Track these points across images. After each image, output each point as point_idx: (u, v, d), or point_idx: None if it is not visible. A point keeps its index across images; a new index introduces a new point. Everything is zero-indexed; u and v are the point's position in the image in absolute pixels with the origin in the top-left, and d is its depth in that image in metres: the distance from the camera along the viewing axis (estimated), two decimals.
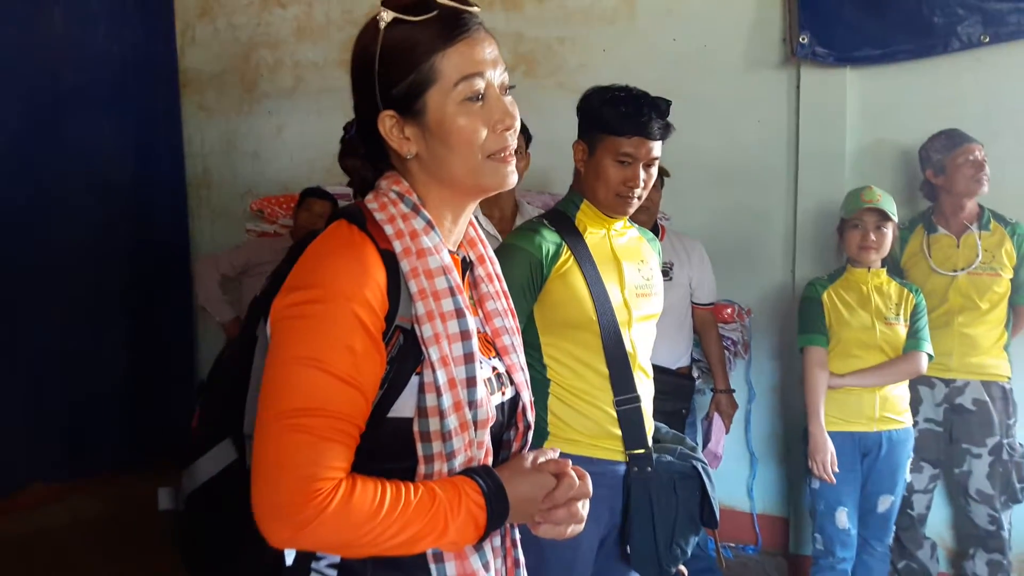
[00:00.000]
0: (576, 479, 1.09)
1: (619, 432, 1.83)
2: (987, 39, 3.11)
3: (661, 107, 1.86)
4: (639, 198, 1.88)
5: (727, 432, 3.17)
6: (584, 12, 3.74)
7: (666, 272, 3.04)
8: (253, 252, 3.73)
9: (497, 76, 1.05)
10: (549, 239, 1.85)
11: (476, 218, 3.07)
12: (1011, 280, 2.96)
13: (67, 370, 3.86)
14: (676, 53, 3.59)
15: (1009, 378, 2.96)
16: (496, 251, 1.90)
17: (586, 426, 1.84)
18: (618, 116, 1.84)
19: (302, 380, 0.94)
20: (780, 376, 3.55)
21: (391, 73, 1.02)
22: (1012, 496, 2.92)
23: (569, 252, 1.84)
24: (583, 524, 1.12)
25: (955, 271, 2.96)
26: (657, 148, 1.87)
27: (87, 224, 3.95)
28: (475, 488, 1.01)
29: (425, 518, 0.97)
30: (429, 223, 1.06)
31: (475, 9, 1.05)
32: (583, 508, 1.11)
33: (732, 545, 3.62)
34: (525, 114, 3.24)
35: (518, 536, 1.20)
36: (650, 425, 1.91)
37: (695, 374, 3.20)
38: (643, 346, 1.90)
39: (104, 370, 4.05)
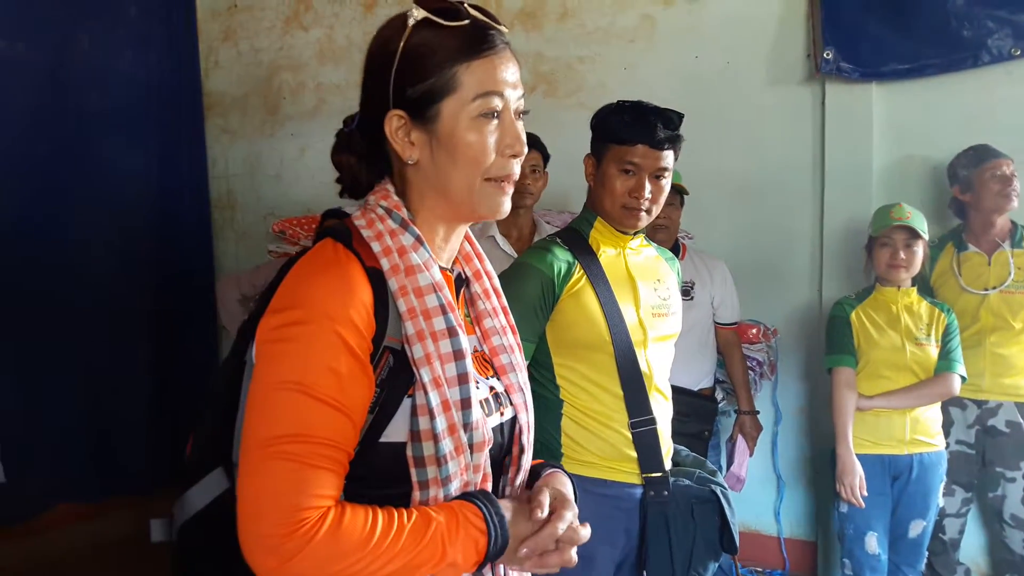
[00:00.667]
0: (558, 528, 1.04)
1: (635, 455, 1.79)
2: (1018, 52, 3.05)
3: (669, 117, 1.83)
4: (648, 212, 1.84)
5: (751, 455, 3.10)
6: (604, 31, 3.73)
7: (687, 292, 3.00)
8: (272, 272, 3.68)
9: (515, 99, 1.03)
10: (561, 258, 1.82)
11: (494, 237, 3.07)
12: None
13: (93, 391, 3.88)
14: (698, 71, 3.57)
15: None
16: (507, 270, 1.90)
17: (601, 448, 1.80)
18: (622, 124, 1.82)
19: (285, 405, 0.91)
20: (808, 397, 3.48)
21: (410, 73, 1.00)
22: None
23: (582, 271, 1.81)
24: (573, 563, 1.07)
25: (986, 290, 2.89)
26: (666, 160, 1.83)
27: (112, 247, 3.99)
28: (475, 512, 0.98)
29: (421, 543, 0.93)
30: (418, 239, 1.03)
31: (504, 29, 1.04)
32: (574, 553, 1.06)
33: (759, 569, 3.54)
34: (544, 133, 3.23)
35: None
36: (668, 448, 1.87)
37: (719, 395, 3.14)
38: (660, 367, 1.86)
39: (130, 391, 4.06)
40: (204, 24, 4.48)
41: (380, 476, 0.98)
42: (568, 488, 1.16)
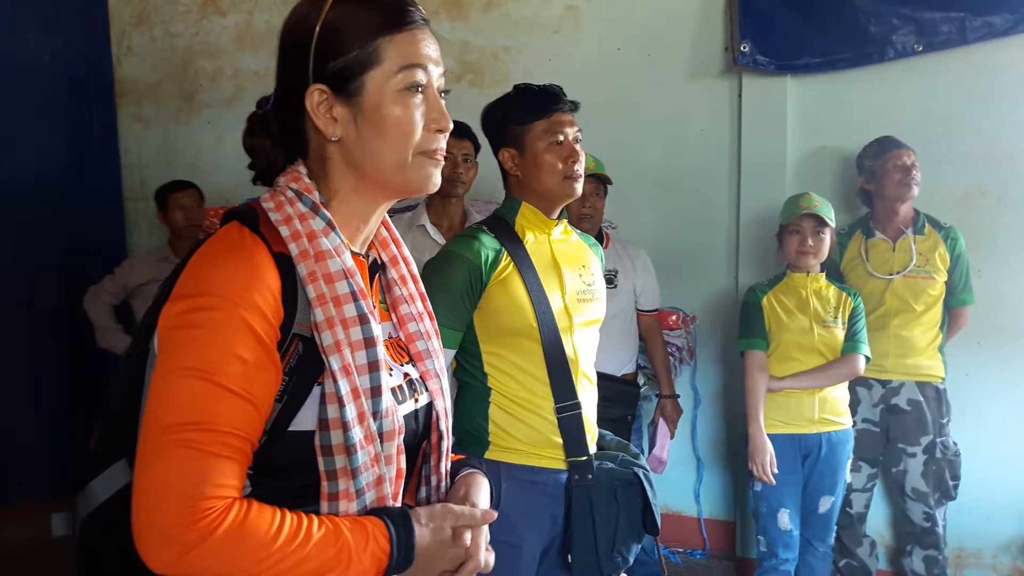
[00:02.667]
0: (479, 563, 1.04)
1: (560, 440, 1.82)
2: (921, 48, 3.19)
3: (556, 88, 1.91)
4: (582, 177, 1.88)
5: (672, 437, 3.19)
6: (529, 21, 3.76)
7: (611, 280, 3.06)
8: (128, 273, 3.56)
9: (437, 76, 1.03)
10: (488, 245, 1.83)
11: (425, 226, 3.06)
12: (945, 283, 3.04)
13: None
14: (621, 62, 3.63)
15: (943, 378, 3.03)
16: (434, 258, 1.90)
17: (528, 435, 1.83)
18: (532, 102, 1.87)
19: (186, 392, 0.87)
20: (725, 381, 3.59)
21: (331, 46, 0.98)
22: (945, 493, 3.00)
23: (509, 258, 1.83)
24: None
25: (891, 275, 3.03)
26: (576, 126, 1.89)
27: (18, 240, 3.82)
28: (384, 534, 0.95)
29: (329, 552, 0.90)
30: (330, 224, 1.00)
31: (421, 8, 1.04)
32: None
33: (680, 550, 3.65)
34: (472, 122, 3.23)
35: None
36: (593, 432, 1.90)
37: (641, 380, 3.22)
38: (585, 352, 1.90)
39: (34, 393, 3.91)
40: (116, 8, 4.32)
41: (287, 466, 0.95)
42: (484, 493, 1.16)
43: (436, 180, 1.04)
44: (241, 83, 4.12)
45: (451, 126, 1.04)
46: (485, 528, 1.08)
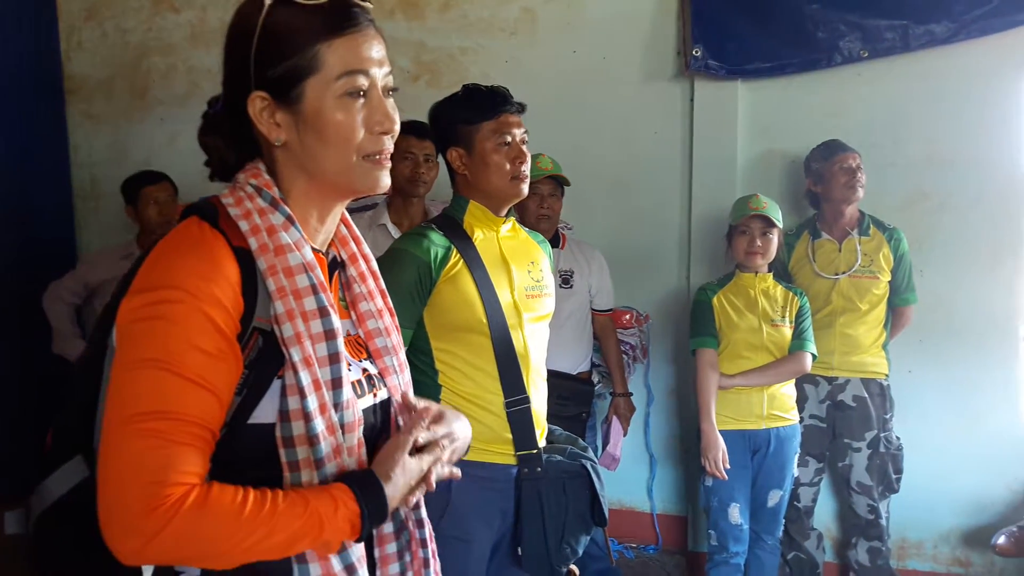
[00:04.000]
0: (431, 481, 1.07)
1: (510, 436, 1.85)
2: (866, 54, 3.28)
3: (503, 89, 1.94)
4: (528, 177, 1.91)
5: (625, 435, 3.23)
6: (486, 22, 3.78)
7: (567, 280, 3.10)
8: (90, 269, 3.37)
9: (381, 76, 1.02)
10: (438, 242, 1.85)
11: (386, 225, 3.05)
12: (889, 283, 3.12)
13: None
14: (576, 65, 3.66)
15: (887, 375, 3.12)
16: (384, 256, 1.92)
17: (478, 431, 1.81)
18: (480, 104, 1.89)
19: (148, 382, 0.89)
20: (677, 379, 3.65)
21: (270, 53, 0.98)
22: (888, 486, 3.09)
23: (458, 255, 1.85)
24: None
25: (837, 274, 3.11)
26: (523, 127, 1.92)
27: None
28: (352, 497, 0.96)
29: (301, 517, 0.91)
30: (289, 218, 1.01)
31: (368, 5, 1.03)
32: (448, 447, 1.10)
33: (634, 545, 3.70)
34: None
35: (428, 536, 1.17)
36: (542, 427, 1.93)
37: (595, 379, 3.26)
38: (535, 347, 1.92)
39: None
40: (65, 3, 4.23)
41: (248, 459, 0.96)
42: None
43: (384, 182, 1.04)
44: (195, 80, 4.08)
45: (397, 127, 1.03)
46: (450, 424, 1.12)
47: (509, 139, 1.88)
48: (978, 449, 3.26)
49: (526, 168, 1.90)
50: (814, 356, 2.85)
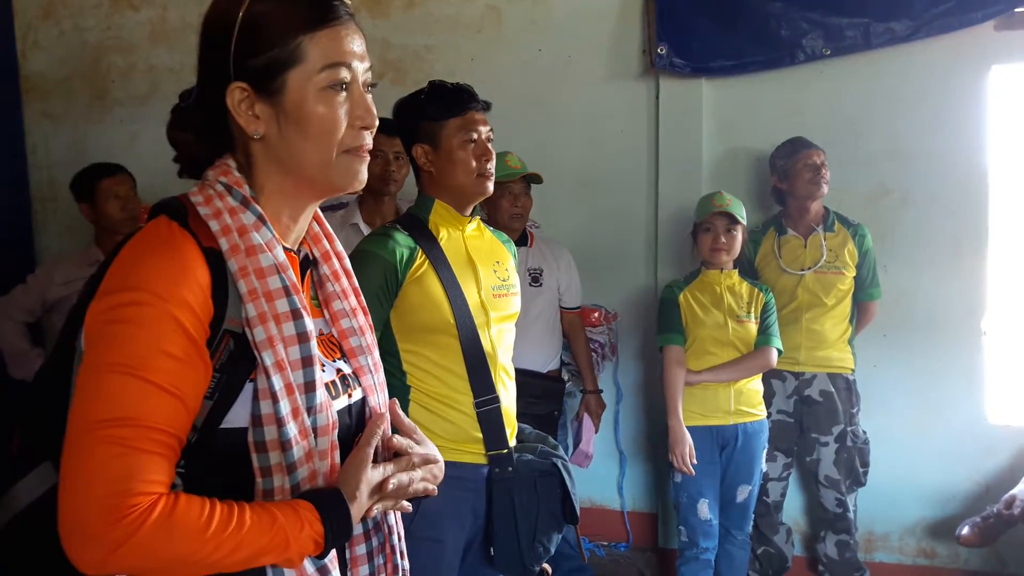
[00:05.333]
0: (406, 475, 1.06)
1: (480, 435, 1.84)
2: (828, 52, 3.31)
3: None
4: (494, 175, 1.91)
5: (596, 431, 3.24)
6: (451, 20, 3.76)
7: (536, 278, 3.09)
8: (47, 282, 3.05)
9: (362, 71, 1.01)
10: (403, 243, 1.84)
11: (358, 224, 3.02)
12: (854, 278, 3.16)
13: None
14: (541, 63, 3.66)
15: (853, 370, 3.16)
16: (348, 257, 1.89)
17: (448, 431, 1.84)
18: (446, 100, 1.88)
19: (114, 388, 0.87)
20: (646, 376, 3.66)
21: (252, 43, 0.96)
22: (856, 480, 3.12)
23: (424, 256, 1.84)
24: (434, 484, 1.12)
25: (803, 270, 3.14)
26: (489, 125, 1.92)
27: None
28: (317, 517, 0.95)
29: (264, 539, 0.90)
30: (260, 218, 0.99)
31: (348, 1, 1.02)
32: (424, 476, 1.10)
33: (604, 543, 3.70)
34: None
35: (398, 542, 1.17)
36: (513, 426, 1.92)
37: (565, 377, 3.26)
38: (503, 346, 1.92)
39: None
40: (20, 1, 4.14)
41: (219, 464, 0.95)
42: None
43: (362, 177, 1.03)
44: (155, 79, 4.01)
45: (376, 123, 1.03)
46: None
47: (475, 136, 1.87)
48: (942, 442, 3.31)
49: (491, 166, 1.90)
50: (780, 351, 2.87)
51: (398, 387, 1.86)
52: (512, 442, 1.90)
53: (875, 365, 3.31)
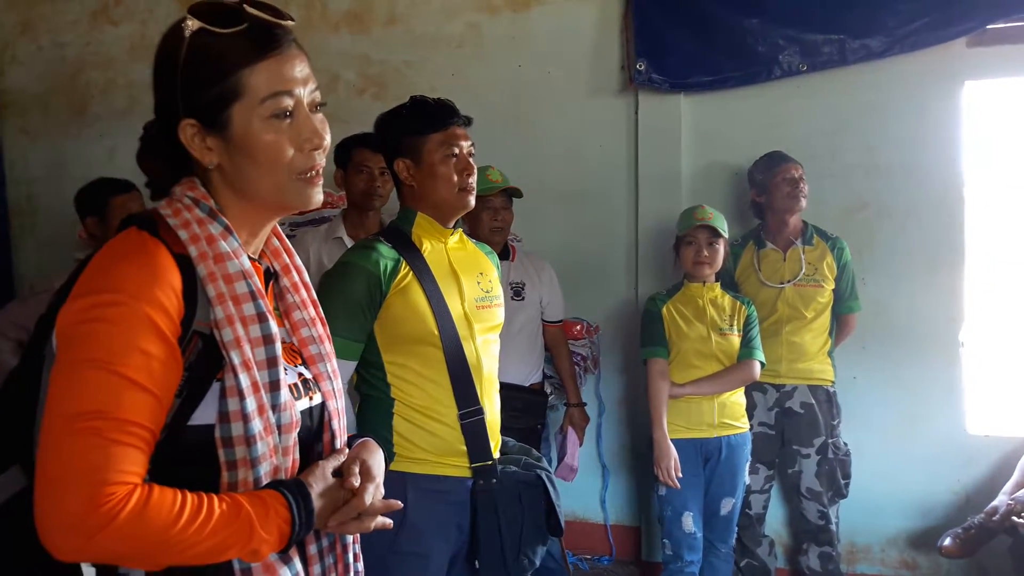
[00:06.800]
0: (364, 502, 1.09)
1: (465, 447, 1.83)
2: (805, 67, 3.36)
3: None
4: (475, 190, 1.91)
5: (581, 444, 3.23)
6: (432, 36, 3.78)
7: (518, 292, 3.09)
8: (43, 300, 2.95)
9: (307, 94, 1.04)
10: (387, 255, 1.83)
11: (342, 238, 3.00)
12: (833, 290, 3.19)
13: None
14: (521, 79, 3.69)
15: (833, 382, 3.18)
16: (332, 269, 1.90)
17: (432, 444, 1.83)
18: (428, 115, 1.89)
19: (90, 382, 0.90)
20: (628, 389, 3.67)
21: (195, 81, 1.00)
22: (837, 492, 3.14)
23: (407, 267, 1.83)
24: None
25: (782, 283, 3.16)
26: (470, 140, 1.92)
27: None
28: (282, 503, 0.99)
29: (231, 527, 0.94)
30: (227, 228, 1.04)
31: (288, 23, 1.04)
32: (372, 521, 1.12)
33: (588, 557, 3.69)
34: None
35: (350, 540, 1.19)
36: (497, 439, 1.92)
37: (548, 390, 3.25)
38: (487, 358, 1.91)
39: None
40: None
41: (187, 459, 0.98)
42: (377, 456, 1.19)
43: (317, 198, 1.07)
44: (135, 95, 3.99)
45: (326, 143, 1.06)
46: (378, 480, 1.14)
47: (457, 151, 1.88)
48: (922, 453, 3.34)
49: (473, 180, 1.90)
50: (762, 364, 2.88)
51: (382, 399, 1.85)
52: (496, 454, 1.89)
53: (855, 377, 3.33)
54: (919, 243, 3.35)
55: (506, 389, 2.14)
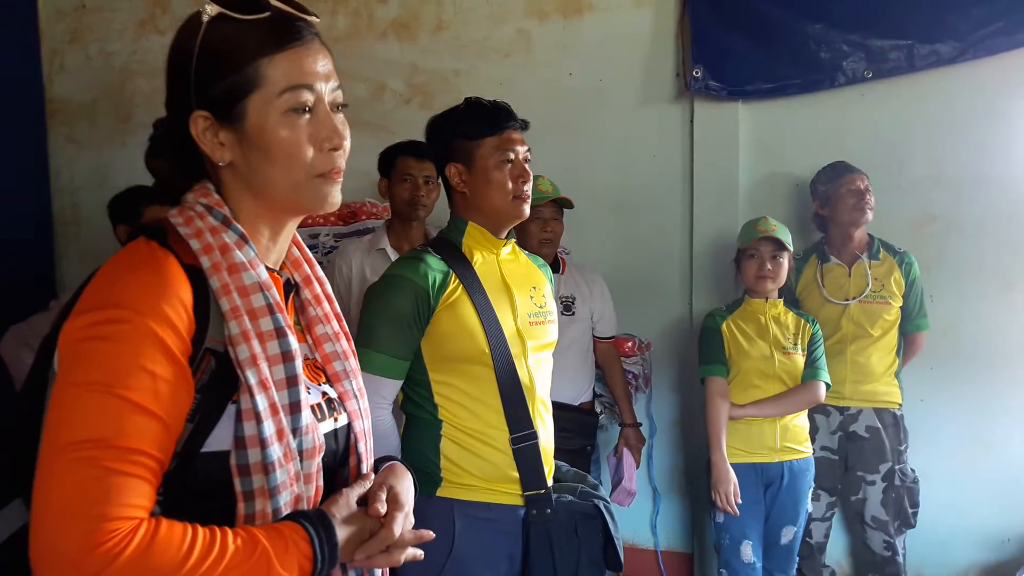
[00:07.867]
0: (393, 533, 1.00)
1: (516, 474, 1.72)
2: (870, 74, 3.21)
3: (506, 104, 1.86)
4: (530, 198, 1.82)
5: (637, 467, 3.10)
6: (479, 44, 3.70)
7: (568, 306, 2.99)
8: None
9: (328, 91, 0.98)
10: (435, 267, 1.73)
11: (385, 250, 2.94)
12: (900, 308, 3.03)
13: None
14: (572, 88, 3.59)
15: (900, 404, 3.02)
16: (378, 282, 1.79)
17: (482, 469, 1.72)
18: (483, 118, 1.80)
19: (91, 407, 0.82)
20: (681, 409, 3.53)
21: (210, 71, 0.95)
22: (905, 521, 2.96)
23: (457, 280, 1.74)
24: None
25: (847, 300, 3.01)
26: (526, 145, 1.83)
27: None
28: (303, 537, 0.91)
29: (246, 566, 0.85)
30: (243, 237, 0.97)
31: (313, 18, 0.98)
32: (403, 554, 1.03)
33: None
34: None
35: (379, 574, 1.10)
36: (550, 464, 1.81)
37: (598, 409, 3.13)
38: (540, 378, 1.81)
39: None
40: (48, 25, 4.15)
41: (200, 490, 0.91)
42: (406, 481, 1.11)
43: (334, 199, 1.00)
44: None
45: (346, 143, 0.99)
46: (407, 508, 1.06)
47: (512, 156, 1.78)
48: (995, 481, 3.16)
49: (528, 188, 1.80)
50: (828, 385, 2.74)
51: (429, 421, 1.75)
52: (550, 481, 1.78)
53: (922, 400, 3.16)
54: (991, 259, 3.19)
55: (556, 408, 2.03)
